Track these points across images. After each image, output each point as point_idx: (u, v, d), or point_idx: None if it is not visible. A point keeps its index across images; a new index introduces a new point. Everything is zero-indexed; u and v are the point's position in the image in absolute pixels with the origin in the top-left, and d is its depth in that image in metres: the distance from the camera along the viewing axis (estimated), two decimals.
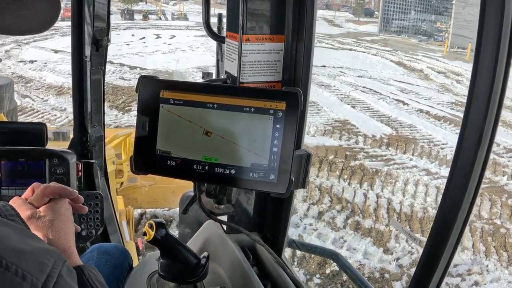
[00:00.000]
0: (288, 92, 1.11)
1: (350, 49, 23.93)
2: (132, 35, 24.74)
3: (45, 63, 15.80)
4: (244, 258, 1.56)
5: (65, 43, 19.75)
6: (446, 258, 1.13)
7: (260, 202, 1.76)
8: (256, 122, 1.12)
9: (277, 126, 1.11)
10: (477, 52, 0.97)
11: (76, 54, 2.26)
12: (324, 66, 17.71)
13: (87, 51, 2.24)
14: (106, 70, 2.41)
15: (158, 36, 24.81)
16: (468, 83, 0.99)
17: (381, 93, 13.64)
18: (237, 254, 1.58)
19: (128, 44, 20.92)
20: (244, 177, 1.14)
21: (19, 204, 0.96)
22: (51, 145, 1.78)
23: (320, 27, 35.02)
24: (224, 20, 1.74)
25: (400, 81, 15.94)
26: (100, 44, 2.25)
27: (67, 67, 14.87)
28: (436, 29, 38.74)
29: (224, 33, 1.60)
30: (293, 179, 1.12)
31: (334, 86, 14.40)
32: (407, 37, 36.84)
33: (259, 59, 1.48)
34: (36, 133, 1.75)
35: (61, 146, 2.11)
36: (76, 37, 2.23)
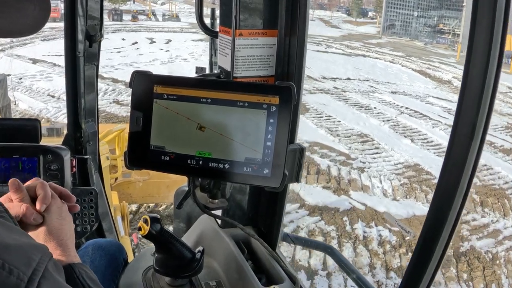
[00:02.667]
0: (281, 87, 1.11)
1: (364, 55, 22.68)
2: (123, 39, 22.29)
3: (20, 78, 13.09)
4: (238, 252, 1.56)
5: (47, 50, 17.05)
6: (439, 252, 1.14)
7: (254, 197, 1.76)
8: (250, 117, 1.12)
9: (271, 120, 1.11)
10: (469, 47, 0.97)
11: (70, 50, 2.25)
12: (349, 79, 16.54)
13: (80, 46, 2.23)
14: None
15: (152, 41, 22.52)
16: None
17: (429, 117, 12.47)
18: (232, 248, 1.58)
19: (119, 51, 18.57)
20: (238, 171, 1.14)
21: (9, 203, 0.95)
22: (45, 141, 1.77)
23: (318, 28, 33.90)
24: (217, 14, 1.74)
25: (438, 98, 14.84)
26: (94, 39, 2.25)
27: (47, 84, 12.63)
28: (439, 30, 38.32)
29: (217, 27, 1.59)
30: (287, 173, 1.13)
31: (375, 107, 13.05)
32: (410, 39, 36.55)
33: (252, 53, 1.48)
34: (29, 129, 1.74)
35: (55, 142, 2.10)
36: (69, 32, 2.22)
